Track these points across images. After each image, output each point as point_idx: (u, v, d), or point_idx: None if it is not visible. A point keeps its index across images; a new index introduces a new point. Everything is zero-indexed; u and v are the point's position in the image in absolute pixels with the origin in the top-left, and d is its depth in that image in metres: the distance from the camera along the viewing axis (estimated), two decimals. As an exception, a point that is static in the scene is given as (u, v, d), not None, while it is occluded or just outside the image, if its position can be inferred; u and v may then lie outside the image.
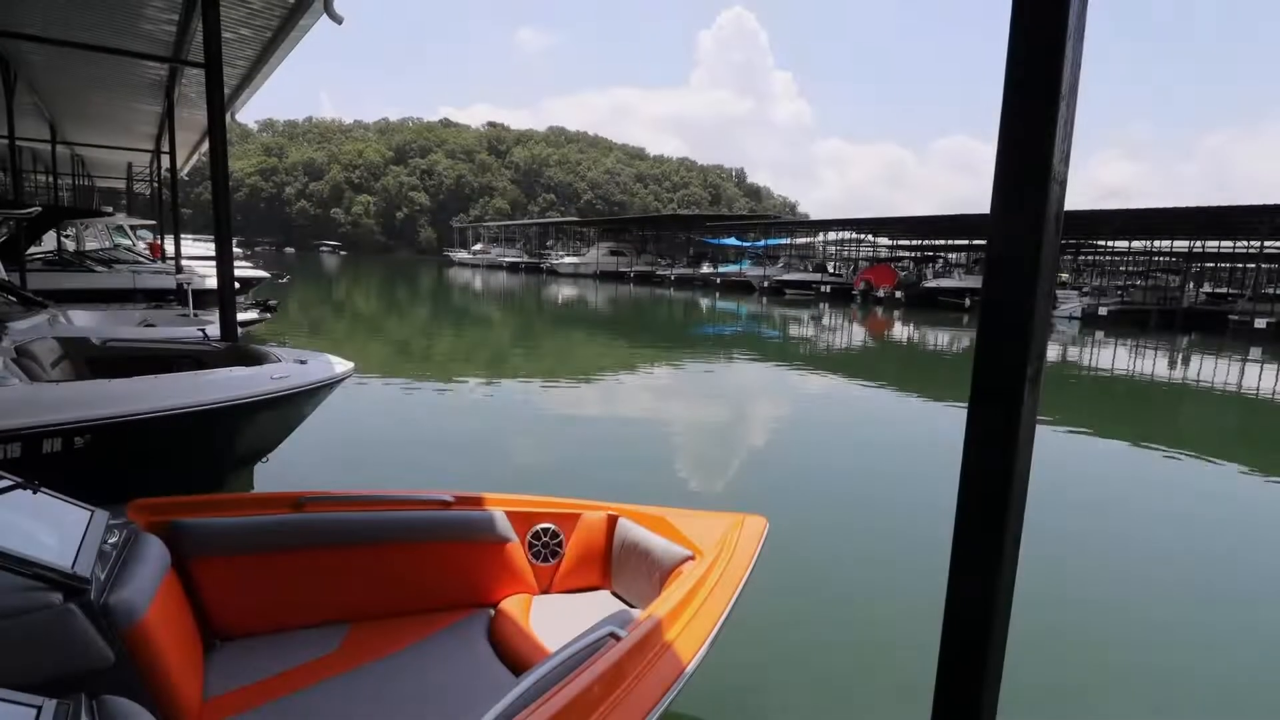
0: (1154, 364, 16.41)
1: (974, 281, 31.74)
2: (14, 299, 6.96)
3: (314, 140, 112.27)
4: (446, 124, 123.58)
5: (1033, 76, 1.16)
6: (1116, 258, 42.40)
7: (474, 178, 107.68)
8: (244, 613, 2.50)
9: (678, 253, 54.50)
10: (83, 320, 7.40)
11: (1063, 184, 1.20)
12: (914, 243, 45.69)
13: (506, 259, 62.98)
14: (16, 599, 1.68)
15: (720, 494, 5.83)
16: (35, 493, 2.07)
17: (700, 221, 51.95)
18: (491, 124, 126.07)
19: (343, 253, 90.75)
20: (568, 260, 54.50)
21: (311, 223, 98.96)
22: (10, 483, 2.04)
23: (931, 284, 33.64)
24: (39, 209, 9.42)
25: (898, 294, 33.74)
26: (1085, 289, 33.17)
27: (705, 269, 46.71)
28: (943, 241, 43.43)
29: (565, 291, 36.22)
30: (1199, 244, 33.63)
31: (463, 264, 68.81)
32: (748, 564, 2.60)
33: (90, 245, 17.36)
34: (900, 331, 22.57)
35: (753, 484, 6.22)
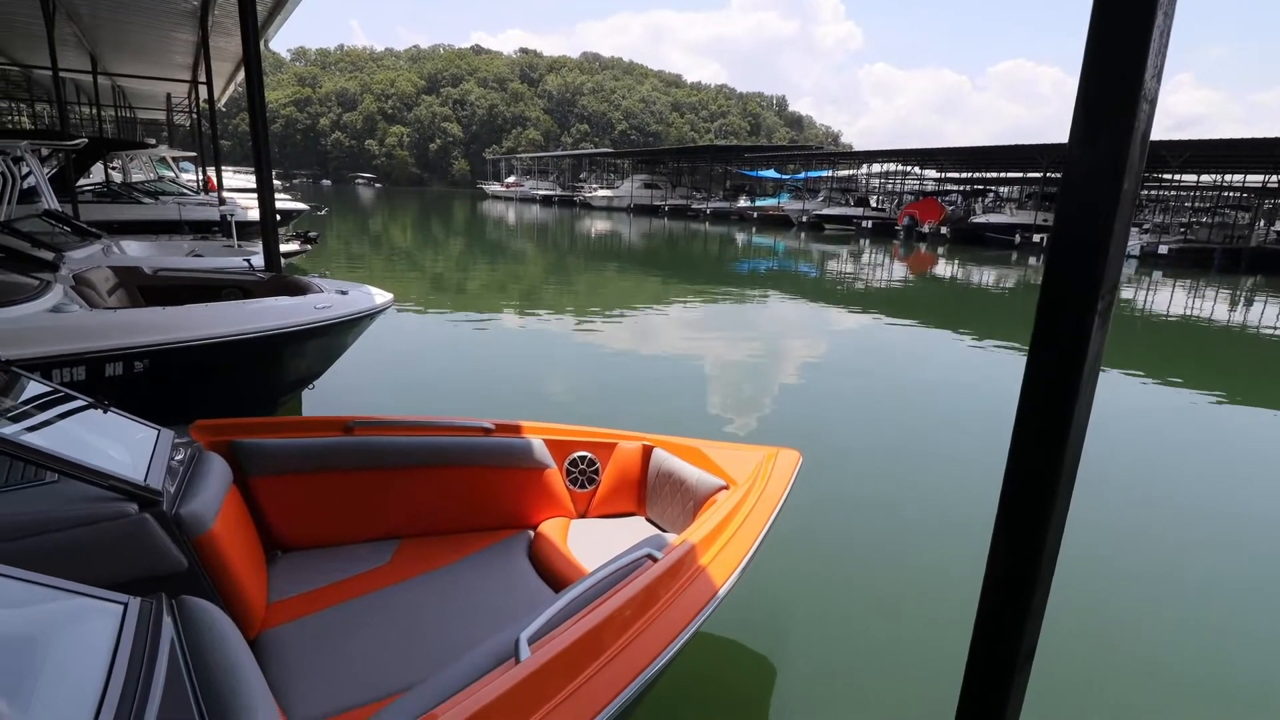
0: (1212, 307, 15.66)
1: (1026, 217, 30.35)
2: (69, 229, 7.18)
3: (346, 69, 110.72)
4: (478, 51, 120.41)
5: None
6: (1182, 193, 39.93)
7: (506, 108, 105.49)
8: (301, 527, 2.64)
9: (714, 185, 53.11)
10: (135, 250, 7.61)
11: (1153, 103, 1.11)
12: (964, 175, 43.64)
13: (540, 192, 62.28)
14: (97, 508, 1.80)
15: (754, 428, 5.86)
16: (105, 412, 2.19)
17: (738, 153, 50.27)
18: (524, 50, 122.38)
19: (378, 185, 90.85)
20: (601, 193, 53.65)
21: (347, 155, 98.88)
22: (83, 402, 2.16)
23: (980, 219, 32.28)
24: (85, 140, 9.57)
25: (943, 230, 32.48)
26: (1146, 226, 31.47)
27: (742, 203, 45.52)
28: (995, 174, 41.39)
29: (599, 225, 35.82)
30: (1275, 178, 31.38)
31: (496, 197, 68.30)
32: (781, 495, 2.63)
33: (135, 177, 17.68)
34: (945, 269, 21.86)
35: (787, 419, 6.23)
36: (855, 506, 4.46)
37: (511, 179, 72.87)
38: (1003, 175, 40.96)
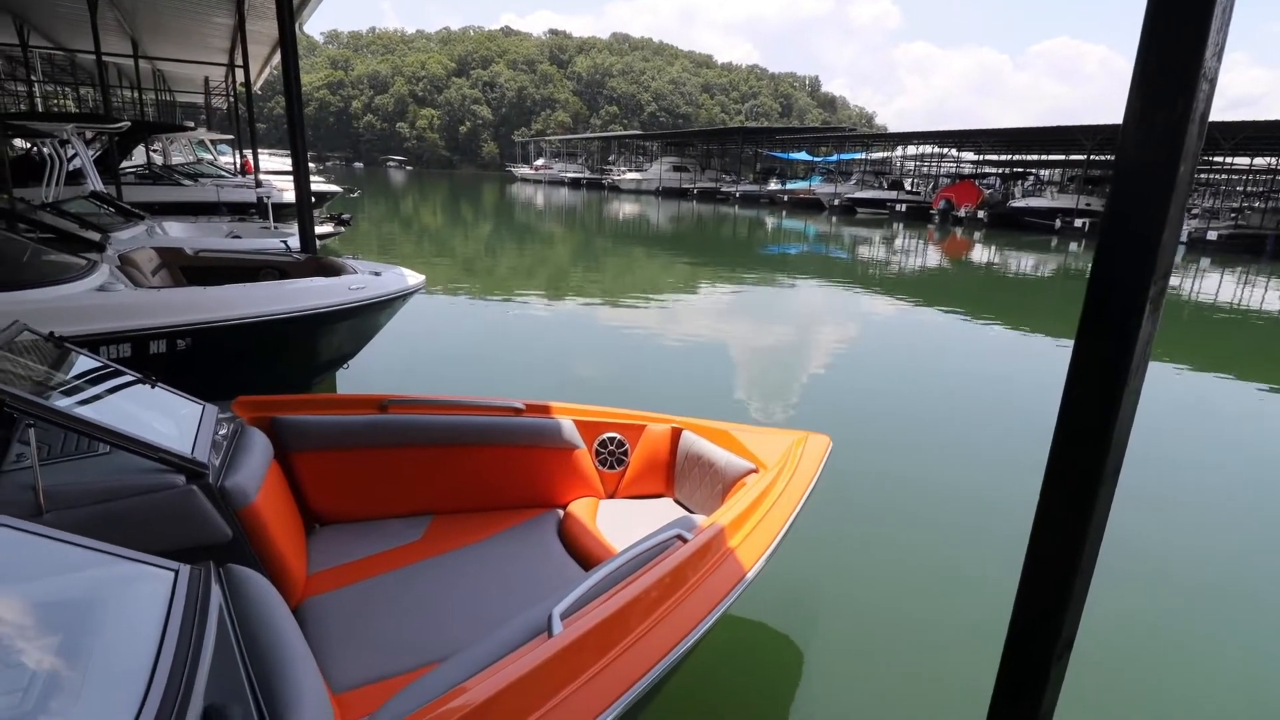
0: (1264, 296, 15.05)
1: (1067, 201, 29.43)
2: (114, 210, 7.39)
3: (378, 52, 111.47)
4: (508, 32, 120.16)
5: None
6: (1235, 176, 38.28)
7: (535, 90, 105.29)
8: (338, 501, 2.71)
9: (744, 168, 52.43)
10: (176, 231, 7.81)
11: (1212, 83, 1.06)
12: (1002, 158, 42.42)
13: (568, 175, 62.24)
14: (146, 479, 1.87)
15: (784, 413, 5.83)
16: (153, 387, 2.27)
17: (769, 135, 49.52)
18: (553, 32, 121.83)
19: (408, 168, 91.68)
20: (630, 176, 53.39)
21: (378, 137, 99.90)
22: (131, 378, 2.24)
23: (1019, 203, 31.38)
24: (128, 123, 9.81)
25: (980, 214, 31.65)
26: (1195, 211, 30.29)
27: (773, 186, 44.88)
28: (1035, 157, 40.13)
29: (627, 208, 35.68)
30: (1335, 160, 29.87)
31: (524, 180, 68.41)
32: (810, 479, 2.62)
33: (175, 159, 18.08)
34: (981, 255, 21.35)
35: (817, 404, 6.18)
36: (887, 493, 4.42)
37: (540, 162, 72.85)
38: (1043, 158, 39.71)
